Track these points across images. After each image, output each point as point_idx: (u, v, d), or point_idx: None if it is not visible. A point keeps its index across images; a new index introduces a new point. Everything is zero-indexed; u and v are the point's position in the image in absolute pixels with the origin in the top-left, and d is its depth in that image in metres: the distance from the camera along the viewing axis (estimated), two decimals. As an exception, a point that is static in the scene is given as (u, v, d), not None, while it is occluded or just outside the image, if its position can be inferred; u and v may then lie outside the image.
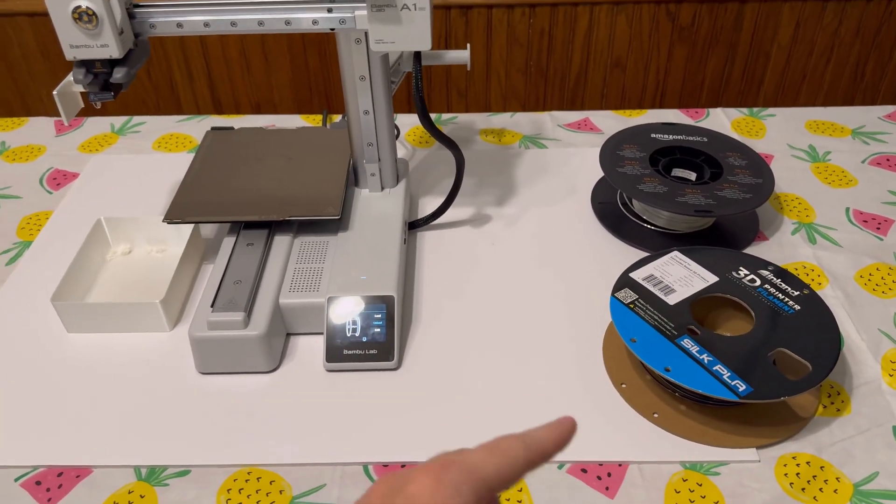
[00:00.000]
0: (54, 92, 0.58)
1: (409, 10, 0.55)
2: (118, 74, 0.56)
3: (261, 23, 0.57)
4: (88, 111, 0.96)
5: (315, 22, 0.57)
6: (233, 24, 0.57)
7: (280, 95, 1.26)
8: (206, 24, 0.57)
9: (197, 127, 0.92)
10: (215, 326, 0.58)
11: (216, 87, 1.25)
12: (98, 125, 0.93)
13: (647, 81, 1.28)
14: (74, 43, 0.54)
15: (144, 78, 1.25)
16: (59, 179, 0.84)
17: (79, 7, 0.53)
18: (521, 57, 1.24)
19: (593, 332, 0.63)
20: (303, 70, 1.23)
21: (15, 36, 1.20)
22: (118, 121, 0.94)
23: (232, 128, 0.79)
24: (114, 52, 0.55)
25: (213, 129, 0.78)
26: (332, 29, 0.58)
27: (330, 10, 0.57)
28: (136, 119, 0.94)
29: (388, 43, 0.57)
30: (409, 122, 0.92)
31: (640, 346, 0.55)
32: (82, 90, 0.59)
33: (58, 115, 0.88)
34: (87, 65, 0.56)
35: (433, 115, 0.92)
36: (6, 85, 1.26)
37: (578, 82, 1.28)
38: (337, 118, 0.92)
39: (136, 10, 0.57)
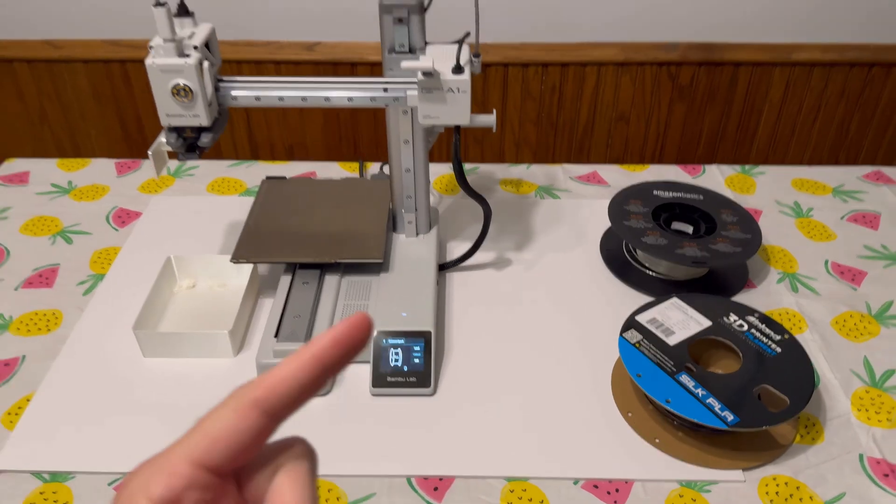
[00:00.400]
0: (149, 151, 0.68)
1: (454, 92, 0.66)
2: (205, 139, 0.66)
3: (327, 99, 0.67)
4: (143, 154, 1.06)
5: (373, 99, 0.68)
6: (303, 99, 0.67)
7: (312, 140, 1.37)
8: (281, 99, 0.67)
9: (246, 172, 1.02)
10: (279, 354, 0.67)
11: (253, 130, 1.35)
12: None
13: (649, 134, 1.39)
14: (170, 112, 0.65)
15: (187, 120, 1.35)
16: (123, 217, 0.94)
17: (178, 84, 0.63)
18: (534, 110, 1.35)
19: (603, 366, 0.72)
20: (334, 119, 1.34)
21: (70, 80, 1.31)
22: (173, 164, 1.04)
23: (284, 177, 0.90)
24: (203, 120, 0.65)
25: (267, 178, 0.89)
26: (387, 105, 0.68)
27: (386, 90, 0.67)
28: (190, 163, 1.04)
29: (433, 118, 0.67)
30: (436, 171, 1.02)
31: (645, 380, 0.65)
32: (171, 150, 0.69)
33: (114, 157, 0.99)
34: (179, 130, 0.66)
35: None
36: (59, 124, 1.37)
37: (585, 133, 1.39)
38: (370, 166, 1.02)
39: (221, 84, 0.67)
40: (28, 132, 1.38)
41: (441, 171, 1.02)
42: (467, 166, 1.05)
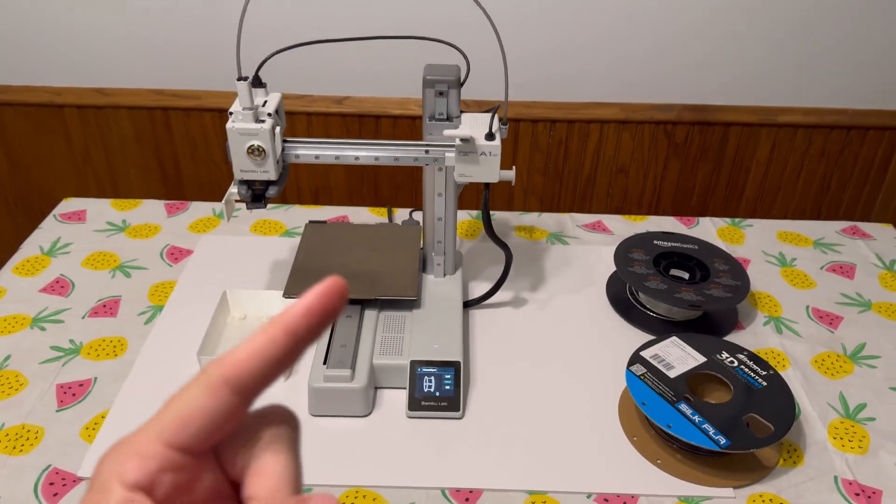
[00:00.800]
0: (223, 200, 0.78)
1: (486, 155, 0.77)
2: (272, 191, 0.76)
3: (376, 158, 0.78)
4: (189, 197, 1.17)
5: (416, 159, 0.78)
6: (356, 158, 0.78)
7: (335, 184, 1.48)
8: (337, 157, 0.78)
9: (284, 215, 1.12)
10: (329, 379, 0.76)
11: (283, 175, 1.46)
12: (202, 209, 1.13)
13: (647, 186, 1.51)
14: (244, 168, 0.75)
15: (222, 164, 1.46)
16: (175, 254, 1.03)
17: (252, 145, 0.73)
18: (542, 161, 1.47)
19: (611, 396, 0.82)
20: (357, 166, 1.45)
21: (115, 124, 1.42)
22: (218, 206, 1.14)
23: (325, 222, 1.00)
24: (271, 175, 0.76)
25: (310, 222, 0.99)
26: (427, 164, 0.79)
27: (427, 152, 0.78)
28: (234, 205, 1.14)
29: (467, 176, 0.78)
30: (458, 218, 1.12)
31: (649, 408, 0.75)
32: (238, 199, 0.79)
33: (150, 196, 1.10)
34: (249, 183, 0.77)
35: (473, 212, 1.13)
36: (101, 165, 1.47)
37: (588, 184, 1.50)
38: (397, 212, 1.13)
39: (286, 144, 0.78)
40: (71, 171, 1.49)
41: (462, 218, 1.13)
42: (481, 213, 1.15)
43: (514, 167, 0.84)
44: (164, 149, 1.45)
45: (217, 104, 1.38)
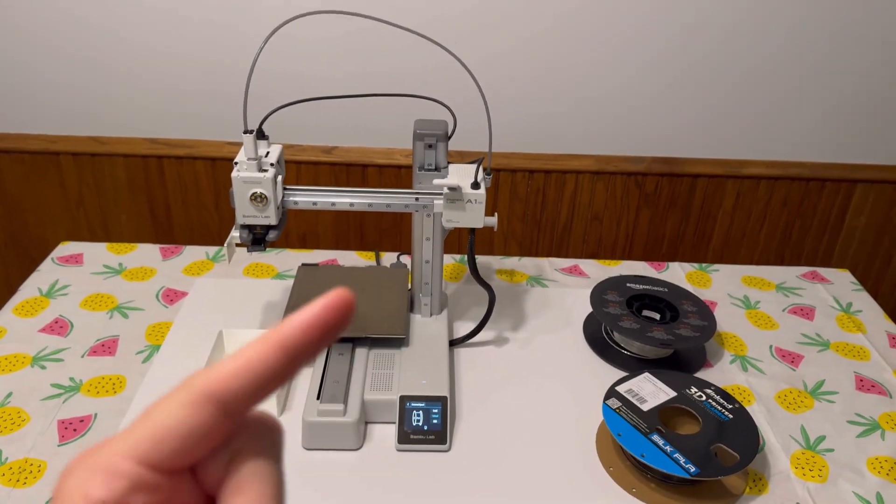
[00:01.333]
0: (225, 243, 0.83)
1: (472, 202, 0.83)
2: (272, 235, 0.82)
3: (370, 205, 0.84)
4: (181, 241, 1.21)
5: (406, 206, 0.84)
6: (351, 204, 0.84)
7: (323, 229, 1.53)
8: (333, 204, 0.84)
9: (276, 258, 1.17)
10: (323, 413, 0.80)
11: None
12: (195, 253, 1.18)
13: (619, 233, 1.58)
14: (247, 214, 0.80)
15: (212, 209, 1.51)
16: (171, 296, 1.07)
17: (256, 192, 0.79)
18: (521, 209, 1.54)
19: (587, 429, 0.87)
20: (344, 212, 1.51)
21: (109, 171, 1.47)
22: (211, 250, 1.19)
23: (317, 265, 1.05)
24: (272, 220, 0.81)
25: (303, 265, 1.04)
26: (417, 210, 0.85)
27: (417, 199, 0.84)
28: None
29: (454, 222, 0.84)
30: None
31: (624, 438, 0.80)
32: (239, 243, 0.84)
33: (140, 241, 1.14)
34: (251, 228, 0.82)
35: (457, 256, 1.19)
36: (93, 209, 1.51)
37: (565, 230, 1.58)
38: (384, 255, 1.18)
39: (286, 191, 0.83)
40: (64, 216, 1.52)
41: (446, 262, 1.18)
42: (466, 257, 1.21)
43: (496, 214, 0.90)
44: (156, 195, 1.50)
45: (209, 153, 1.43)
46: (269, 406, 0.84)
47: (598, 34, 1.36)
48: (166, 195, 1.50)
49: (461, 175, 0.85)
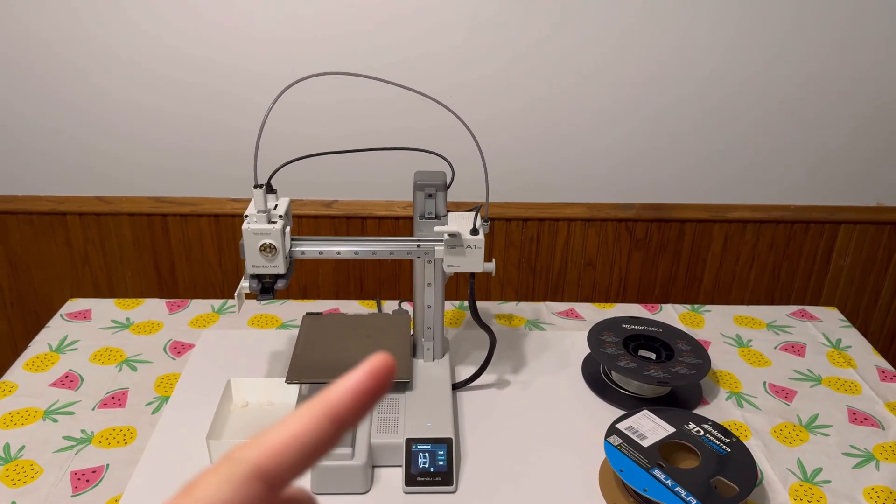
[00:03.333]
0: (235, 294, 0.86)
1: (472, 248, 0.87)
2: (280, 283, 0.85)
3: (374, 252, 0.88)
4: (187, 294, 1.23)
5: (409, 252, 0.88)
6: (356, 252, 0.88)
7: (323, 280, 1.57)
8: (338, 253, 0.87)
9: (279, 309, 1.20)
10: (331, 458, 0.82)
11: (274, 273, 1.54)
12: (201, 306, 1.21)
13: (613, 278, 1.62)
14: (256, 264, 0.84)
15: (216, 265, 1.55)
16: (178, 348, 1.10)
17: (265, 243, 0.83)
18: (516, 255, 1.58)
19: (590, 466, 0.89)
20: (343, 263, 1.55)
21: (115, 229, 1.51)
22: (217, 303, 1.22)
23: (321, 313, 1.08)
24: (280, 270, 0.85)
25: (307, 314, 1.07)
26: (419, 257, 0.89)
27: (419, 246, 0.88)
28: (231, 301, 1.22)
29: (455, 267, 0.88)
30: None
31: (626, 474, 0.82)
32: (249, 293, 0.87)
33: (145, 296, 1.17)
34: (259, 277, 0.86)
35: (456, 302, 1.22)
36: (99, 266, 1.54)
37: (560, 276, 1.61)
38: (385, 303, 1.22)
39: (293, 241, 0.87)
40: (69, 274, 1.55)
41: (446, 308, 1.21)
42: (465, 303, 1.25)
43: (493, 260, 0.94)
44: (160, 252, 1.54)
45: (212, 210, 1.48)
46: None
47: (589, 97, 1.43)
48: (170, 252, 1.54)
49: (460, 222, 0.89)
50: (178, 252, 1.54)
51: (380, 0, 1.33)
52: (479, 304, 1.24)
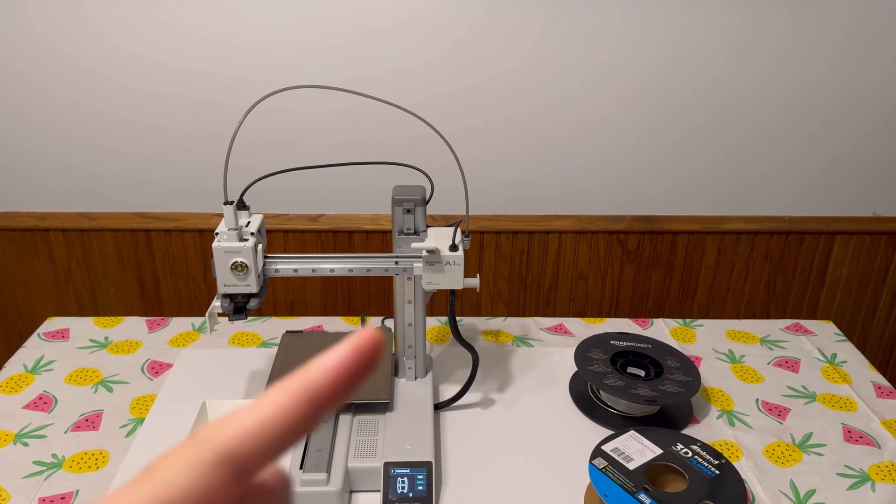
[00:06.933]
0: (206, 313, 0.84)
1: (450, 265, 0.84)
2: (253, 303, 0.83)
3: (350, 270, 0.85)
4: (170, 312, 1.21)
5: (387, 270, 0.86)
6: (332, 270, 0.85)
7: (310, 296, 1.54)
8: (314, 270, 0.85)
9: (261, 327, 1.18)
10: (305, 483, 0.80)
11: (260, 289, 1.52)
12: (181, 324, 1.18)
13: (605, 291, 1.60)
14: (228, 283, 0.82)
15: (201, 281, 1.52)
16: (156, 368, 1.07)
17: (236, 262, 0.80)
18: (506, 269, 1.56)
19: (575, 488, 0.86)
20: (331, 278, 1.53)
21: (98, 246, 1.49)
22: (197, 321, 1.19)
23: (301, 331, 1.05)
24: (253, 288, 0.82)
25: (287, 332, 1.04)
26: (397, 274, 0.87)
27: (397, 263, 0.86)
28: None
29: (434, 284, 0.86)
30: (427, 324, 1.18)
31: (611, 499, 0.79)
32: (221, 312, 0.85)
33: (129, 313, 1.14)
34: (232, 296, 0.83)
35: (442, 318, 1.19)
36: (82, 283, 1.52)
37: (551, 289, 1.59)
38: (369, 320, 1.19)
39: (267, 259, 0.85)
40: (52, 291, 1.53)
41: (431, 324, 1.19)
42: (452, 321, 1.22)
43: (478, 275, 0.92)
44: (144, 268, 1.52)
45: (196, 225, 1.45)
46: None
47: (579, 108, 1.41)
48: (155, 268, 1.52)
49: (439, 238, 0.86)
50: (162, 268, 1.51)
51: (367, 11, 1.31)
52: (467, 319, 1.22)
